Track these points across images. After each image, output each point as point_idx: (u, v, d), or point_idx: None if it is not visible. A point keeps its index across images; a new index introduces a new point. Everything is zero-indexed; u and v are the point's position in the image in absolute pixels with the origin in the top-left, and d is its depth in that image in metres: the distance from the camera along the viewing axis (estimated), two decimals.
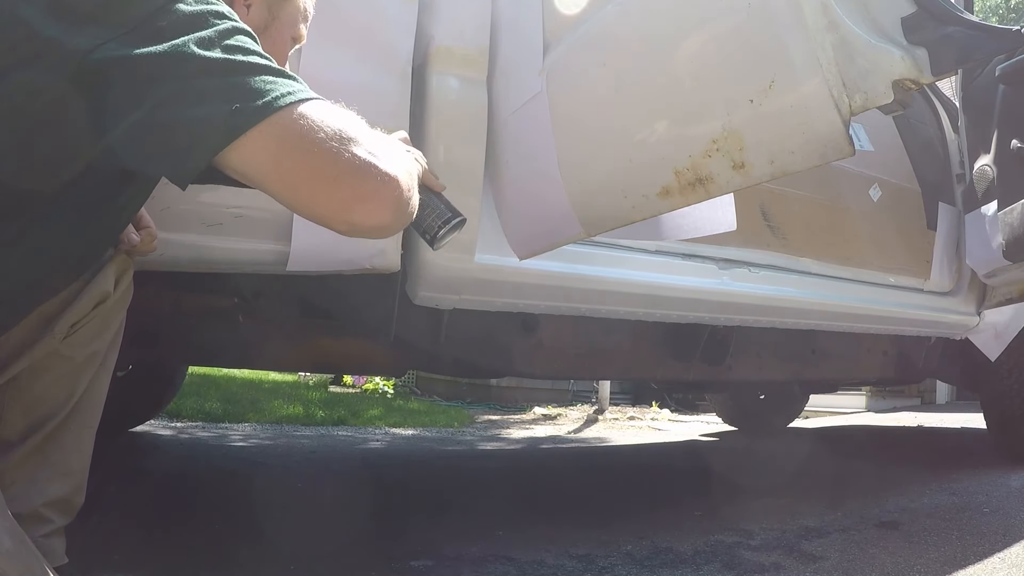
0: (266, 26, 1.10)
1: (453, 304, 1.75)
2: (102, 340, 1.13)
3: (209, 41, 0.78)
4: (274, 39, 1.12)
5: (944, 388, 7.03)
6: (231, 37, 0.80)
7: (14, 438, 1.09)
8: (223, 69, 0.77)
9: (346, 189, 0.78)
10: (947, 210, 2.69)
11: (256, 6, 1.09)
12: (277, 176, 0.77)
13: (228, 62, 0.77)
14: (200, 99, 0.75)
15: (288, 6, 1.13)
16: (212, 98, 0.75)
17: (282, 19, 1.12)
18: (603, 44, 1.36)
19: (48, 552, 1.08)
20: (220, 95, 0.75)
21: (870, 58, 1.06)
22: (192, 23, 0.78)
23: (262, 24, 1.09)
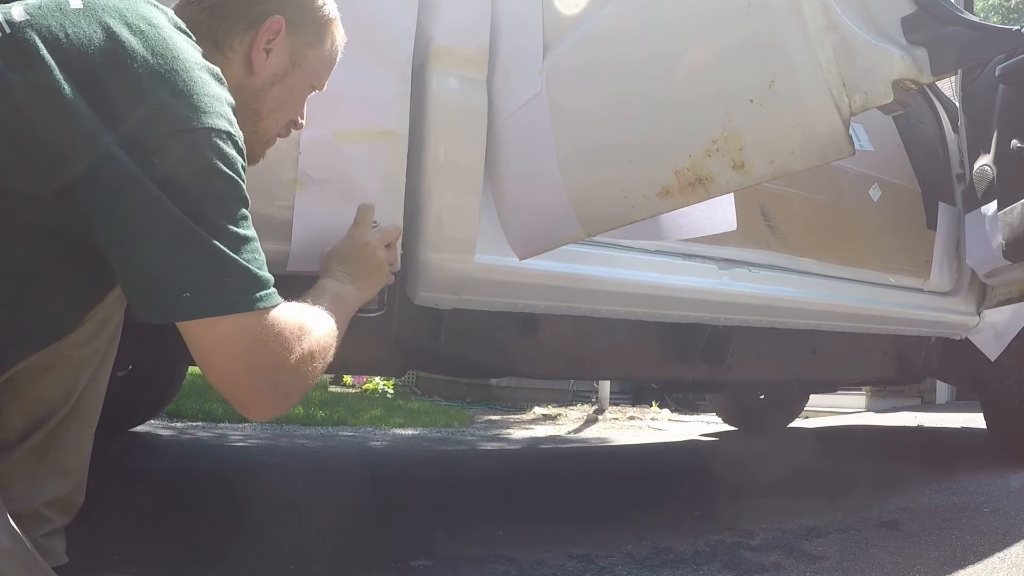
0: (285, 73, 1.08)
1: (453, 304, 1.75)
2: (100, 339, 1.13)
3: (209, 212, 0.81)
4: (291, 87, 1.10)
5: (944, 388, 7.03)
6: (229, 211, 0.83)
7: (13, 438, 1.09)
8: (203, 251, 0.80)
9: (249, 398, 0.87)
10: (947, 210, 2.69)
11: (277, 52, 1.06)
12: (204, 358, 0.85)
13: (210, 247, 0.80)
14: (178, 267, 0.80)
15: (312, 54, 1.10)
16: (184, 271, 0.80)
17: (304, 67, 1.10)
18: (603, 44, 1.36)
19: (48, 552, 1.08)
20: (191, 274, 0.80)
21: (870, 58, 1.06)
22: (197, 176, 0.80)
23: (281, 71, 1.07)
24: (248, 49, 1.04)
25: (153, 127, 0.80)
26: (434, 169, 1.54)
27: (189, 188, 0.80)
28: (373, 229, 1.20)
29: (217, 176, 0.82)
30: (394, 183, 1.50)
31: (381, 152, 1.48)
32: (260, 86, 1.06)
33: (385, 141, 1.48)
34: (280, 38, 1.06)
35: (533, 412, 5.77)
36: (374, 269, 1.17)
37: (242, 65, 1.04)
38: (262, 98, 1.07)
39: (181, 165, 0.80)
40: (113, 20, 0.85)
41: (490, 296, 1.77)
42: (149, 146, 0.79)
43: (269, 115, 1.09)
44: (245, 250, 0.83)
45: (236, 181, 0.84)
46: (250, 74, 1.05)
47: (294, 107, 1.13)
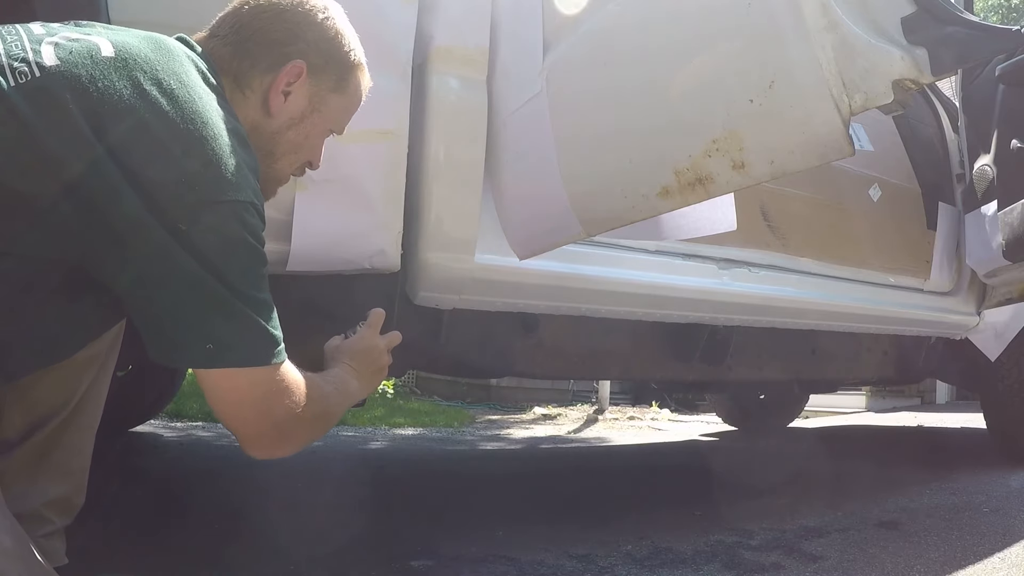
0: (303, 117, 1.06)
1: (453, 304, 1.75)
2: (103, 342, 1.13)
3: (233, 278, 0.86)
4: (308, 132, 1.08)
5: (944, 388, 7.03)
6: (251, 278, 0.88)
7: (14, 438, 1.09)
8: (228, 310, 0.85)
9: (250, 442, 0.94)
10: (947, 210, 2.69)
11: (296, 95, 1.04)
12: (219, 402, 0.91)
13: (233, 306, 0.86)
14: (198, 320, 0.85)
15: (333, 100, 1.08)
16: (208, 326, 0.85)
17: (323, 112, 1.08)
18: (603, 44, 1.36)
19: (48, 552, 1.08)
20: (215, 328, 0.85)
21: (870, 58, 1.06)
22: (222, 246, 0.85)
23: (298, 115, 1.05)
24: (267, 90, 1.02)
25: (183, 197, 0.82)
26: (434, 169, 1.54)
27: (215, 255, 0.84)
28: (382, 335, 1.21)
29: (242, 246, 0.87)
30: (394, 183, 1.50)
31: (381, 152, 1.48)
32: (276, 128, 1.05)
33: (385, 141, 1.48)
34: (300, 81, 1.04)
35: (533, 412, 5.77)
36: (378, 370, 1.20)
37: (260, 105, 1.03)
38: (277, 140, 1.06)
39: (209, 234, 0.83)
40: (144, 76, 0.85)
41: (490, 296, 1.77)
42: (178, 214, 0.82)
43: (283, 157, 1.08)
44: (263, 311, 0.89)
45: (258, 249, 0.89)
46: (267, 115, 1.03)
47: (310, 150, 1.11)
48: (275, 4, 1.03)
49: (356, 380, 1.14)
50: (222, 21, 1.04)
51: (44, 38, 0.86)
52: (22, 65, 0.82)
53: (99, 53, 0.86)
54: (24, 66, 0.82)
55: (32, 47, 0.84)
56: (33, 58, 0.83)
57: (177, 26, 1.05)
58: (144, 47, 0.89)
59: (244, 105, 1.01)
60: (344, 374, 1.12)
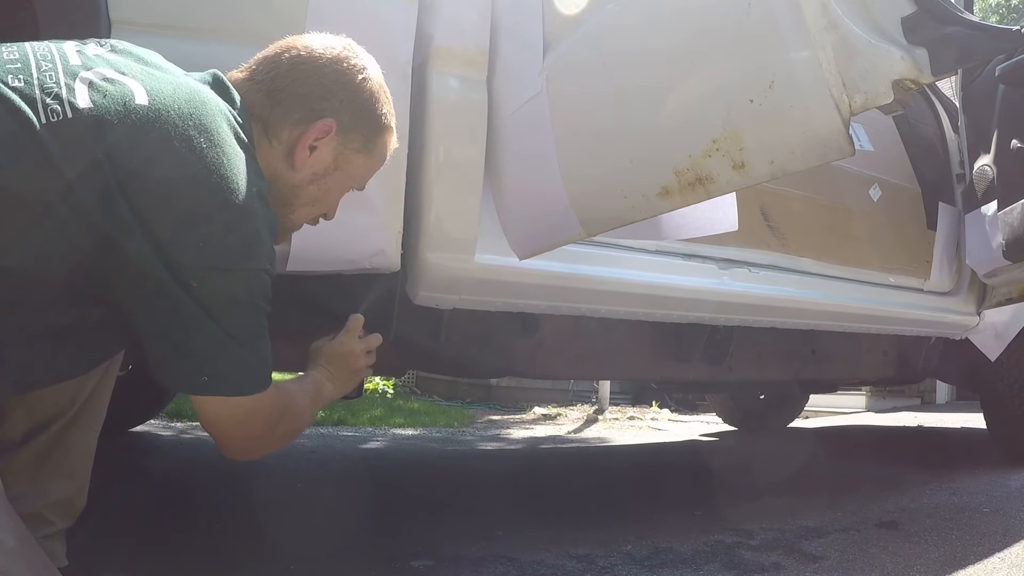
0: (325, 173, 1.07)
1: (453, 304, 1.75)
2: None
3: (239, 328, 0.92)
4: (328, 187, 1.08)
5: (944, 388, 7.02)
6: (254, 329, 0.94)
7: (18, 439, 1.09)
8: (229, 349, 0.91)
9: (231, 447, 1.03)
10: (947, 210, 2.69)
11: (322, 151, 1.05)
12: (208, 421, 0.98)
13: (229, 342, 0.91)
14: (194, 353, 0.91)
15: (358, 160, 1.09)
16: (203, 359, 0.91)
17: (346, 170, 1.08)
18: (603, 44, 1.36)
19: (49, 554, 1.07)
20: (211, 361, 0.92)
21: (870, 58, 1.06)
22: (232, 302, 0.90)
23: (321, 170, 1.06)
24: (294, 143, 1.03)
25: (200, 258, 0.86)
26: (434, 169, 1.54)
27: (221, 310, 0.89)
28: (360, 338, 1.26)
29: (247, 308, 0.92)
30: (394, 183, 1.50)
31: None
32: (297, 182, 1.05)
33: None
34: (328, 139, 1.04)
35: (533, 412, 5.77)
36: (353, 373, 1.24)
37: (284, 156, 1.03)
38: (297, 192, 1.06)
39: (219, 293, 0.88)
40: (175, 129, 0.86)
41: (490, 296, 1.77)
42: (192, 273, 0.86)
43: (301, 208, 1.09)
44: (259, 350, 0.95)
45: (262, 309, 0.95)
46: (290, 167, 1.04)
47: (327, 204, 1.12)
48: (316, 58, 1.04)
49: (331, 383, 1.20)
50: (261, 64, 1.04)
51: (79, 72, 0.87)
52: (55, 103, 0.82)
53: (133, 101, 0.86)
54: (57, 104, 0.82)
55: (66, 82, 0.85)
56: (67, 95, 0.83)
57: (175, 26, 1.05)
58: (179, 98, 0.90)
59: (269, 153, 1.02)
60: (320, 378, 1.19)
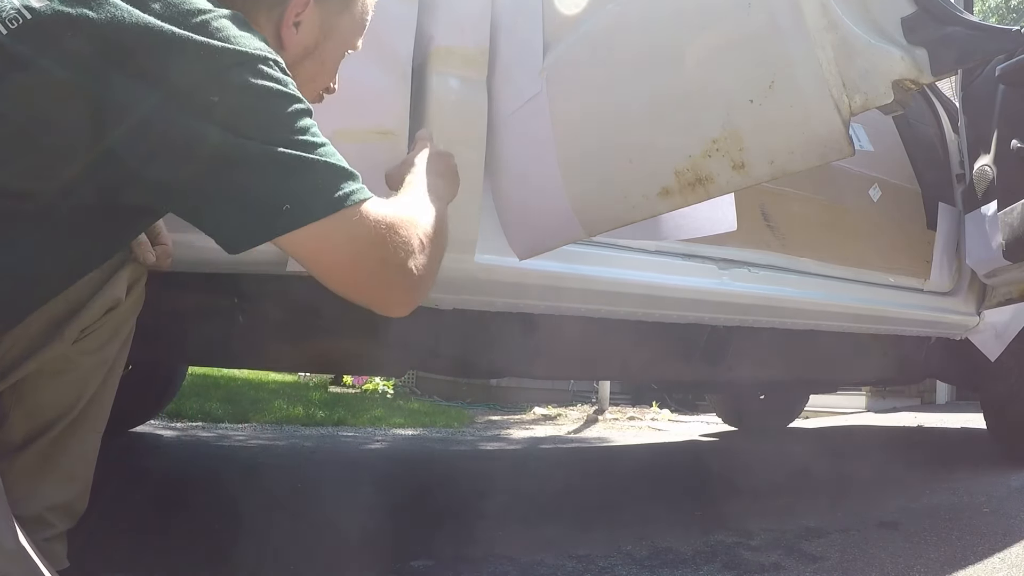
0: (316, 45, 1.05)
1: (453, 304, 1.75)
2: (112, 346, 1.13)
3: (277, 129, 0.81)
4: (323, 59, 1.07)
5: (944, 388, 7.02)
6: (298, 121, 0.83)
7: (19, 441, 1.08)
8: (289, 164, 0.81)
9: (379, 294, 0.89)
10: (947, 210, 2.69)
11: (307, 26, 1.03)
12: (320, 266, 0.86)
13: (293, 159, 0.81)
14: (265, 189, 0.80)
15: (343, 22, 1.07)
16: (277, 189, 0.80)
17: (335, 38, 1.07)
18: (603, 44, 1.36)
19: (49, 556, 1.07)
20: (285, 187, 0.80)
21: (870, 58, 1.06)
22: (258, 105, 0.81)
23: (312, 43, 1.05)
24: (277, 26, 1.01)
25: (201, 72, 0.80)
26: None
27: (254, 117, 0.80)
28: None
29: (277, 96, 0.83)
30: None
31: (381, 152, 1.48)
32: (291, 62, 1.01)
33: (385, 141, 1.48)
34: (308, 11, 1.03)
35: (533, 412, 5.77)
36: (453, 172, 1.17)
37: (272, 41, 1.00)
38: (294, 72, 1.01)
39: (240, 98, 0.80)
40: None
41: (490, 296, 1.77)
42: (203, 91, 0.79)
43: (301, 87, 1.04)
44: (324, 151, 0.83)
45: (293, 95, 0.84)
46: (280, 50, 1.01)
47: (327, 75, 1.11)
48: None
49: (441, 181, 1.09)
50: None
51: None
52: (11, 12, 0.80)
53: None
54: (14, 12, 0.80)
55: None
56: (21, 4, 0.81)
57: None
58: None
59: None
60: (430, 184, 1.06)
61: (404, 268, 0.87)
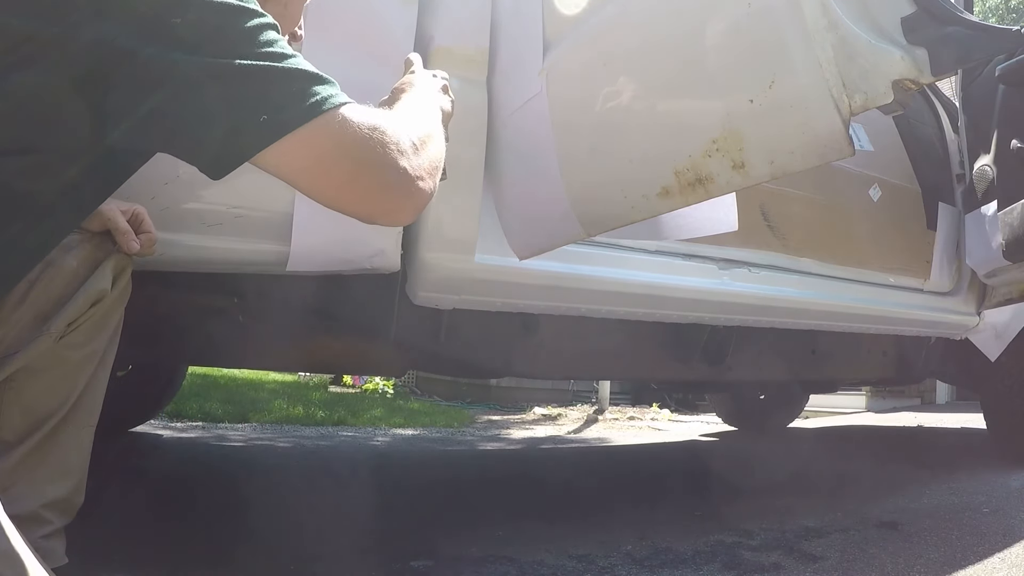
0: None
1: (453, 304, 1.75)
2: (100, 339, 1.13)
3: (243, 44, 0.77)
4: (287, 2, 1.06)
5: (944, 388, 7.03)
6: (262, 34, 0.79)
7: (12, 438, 1.08)
8: (260, 75, 0.77)
9: (376, 199, 0.83)
10: (947, 210, 2.69)
11: None
12: (309, 177, 0.80)
13: (264, 69, 0.77)
14: (240, 103, 0.76)
15: None
16: (252, 102, 0.76)
17: None
18: (603, 44, 1.36)
19: (48, 553, 1.07)
20: (260, 98, 0.76)
21: (870, 58, 1.06)
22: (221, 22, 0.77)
23: None
24: None
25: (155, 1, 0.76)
26: None
27: (215, 36, 0.76)
28: None
29: (235, 12, 0.79)
30: None
31: None
32: None
33: None
34: None
35: (533, 412, 5.77)
36: (444, 89, 1.13)
37: None
38: None
39: (197, 20, 0.76)
40: None
41: (490, 296, 1.77)
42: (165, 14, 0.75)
43: None
44: (296, 61, 0.80)
45: (254, 10, 0.80)
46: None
47: (291, 19, 1.09)
48: None
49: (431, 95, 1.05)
50: None
51: None
52: None
53: None
54: None
55: None
56: None
57: None
58: None
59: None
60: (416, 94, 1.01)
61: (399, 168, 0.81)
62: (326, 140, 0.78)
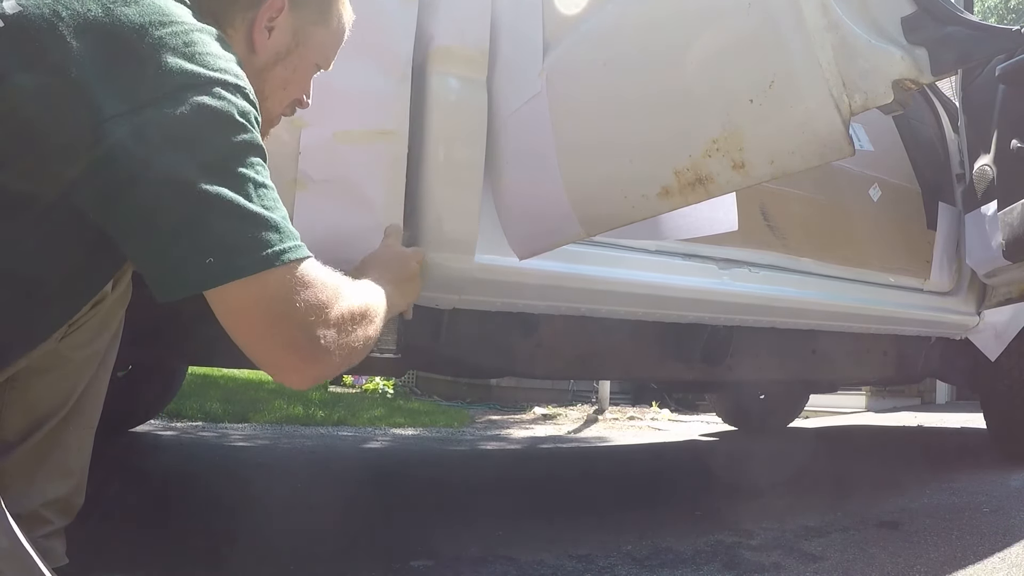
0: (288, 52, 1.05)
1: (453, 304, 1.75)
2: (101, 340, 1.13)
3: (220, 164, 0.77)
4: (295, 66, 1.07)
5: (944, 388, 7.03)
6: (243, 161, 0.79)
7: (13, 438, 1.09)
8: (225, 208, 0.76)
9: (288, 359, 0.83)
10: (947, 210, 2.69)
11: (280, 30, 1.03)
12: (239, 327, 0.81)
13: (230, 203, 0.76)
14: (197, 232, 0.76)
15: (318, 33, 1.07)
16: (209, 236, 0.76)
17: (308, 46, 1.07)
18: (603, 44, 1.36)
19: (48, 553, 1.07)
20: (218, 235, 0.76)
21: (870, 58, 1.06)
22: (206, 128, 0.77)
23: (284, 49, 1.04)
24: (250, 27, 1.01)
25: (157, 87, 0.77)
26: (434, 169, 1.54)
27: (203, 147, 0.77)
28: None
29: (230, 128, 0.79)
30: (394, 183, 1.50)
31: (381, 152, 1.48)
32: (262, 65, 1.03)
33: (385, 141, 1.48)
34: (283, 16, 1.02)
35: (533, 412, 5.77)
36: (410, 277, 1.16)
37: (244, 43, 1.01)
38: (264, 78, 1.04)
39: (191, 121, 0.77)
40: (113, 2, 0.82)
41: (490, 296, 1.77)
42: (155, 108, 0.76)
43: (272, 95, 1.06)
44: (265, 201, 0.79)
45: (248, 129, 0.81)
46: (252, 53, 1.02)
47: (298, 86, 1.10)
48: None
49: (390, 287, 1.05)
50: None
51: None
52: None
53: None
54: None
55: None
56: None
57: None
58: None
59: None
60: (376, 281, 1.03)
61: (310, 333, 0.81)
62: (267, 297, 0.79)
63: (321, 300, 0.83)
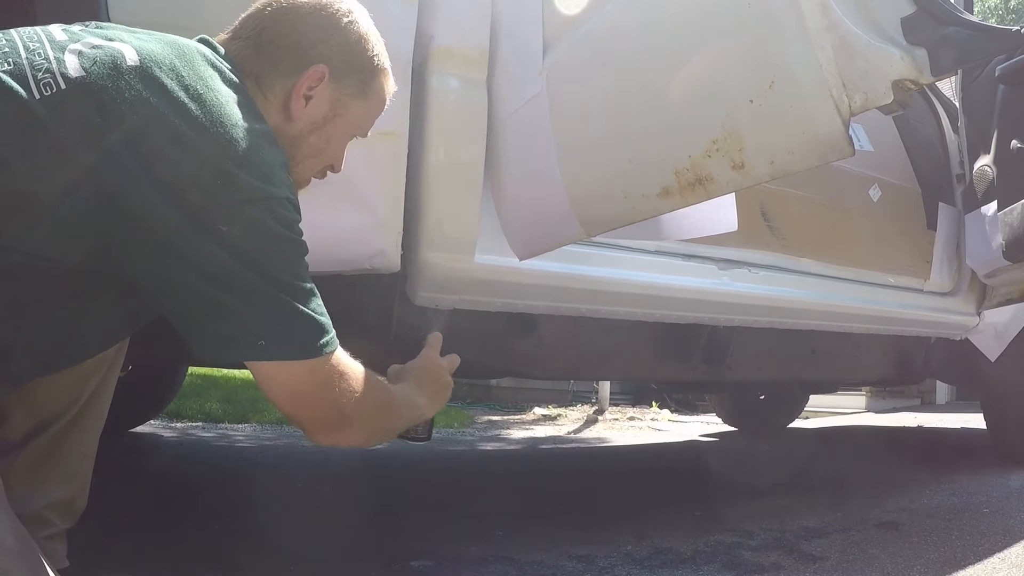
0: (324, 122, 1.04)
1: (453, 304, 1.75)
2: None
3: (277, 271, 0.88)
4: (329, 136, 1.06)
5: (944, 388, 7.03)
6: (296, 267, 0.90)
7: (18, 440, 1.09)
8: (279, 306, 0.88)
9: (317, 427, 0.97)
10: (947, 210, 2.69)
11: (318, 100, 1.02)
12: (278, 394, 0.93)
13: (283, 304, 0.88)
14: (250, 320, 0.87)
15: (356, 105, 1.06)
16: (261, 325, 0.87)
17: (345, 117, 1.06)
18: (603, 44, 1.36)
19: (49, 555, 1.07)
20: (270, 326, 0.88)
21: (870, 58, 1.07)
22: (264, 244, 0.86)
23: (320, 119, 1.04)
24: (288, 94, 1.01)
25: (218, 197, 0.83)
26: (434, 169, 1.54)
27: (256, 252, 0.86)
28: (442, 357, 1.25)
29: (283, 241, 0.88)
30: (394, 183, 1.50)
31: (381, 152, 1.48)
32: (297, 133, 1.03)
33: (385, 141, 1.48)
34: (322, 86, 1.02)
35: (533, 412, 5.77)
36: (443, 387, 1.22)
37: (280, 109, 1.01)
38: (298, 144, 1.04)
39: (249, 233, 0.85)
40: (170, 81, 0.85)
41: (490, 296, 1.77)
42: (216, 216, 0.83)
43: (304, 160, 1.06)
44: (312, 303, 0.91)
45: (299, 242, 0.91)
46: (288, 120, 1.02)
47: (332, 154, 1.10)
48: (298, 6, 1.02)
49: (422, 396, 1.16)
50: (244, 22, 1.03)
51: (67, 45, 0.85)
52: (46, 76, 0.81)
53: (124, 62, 0.85)
54: (49, 77, 0.81)
55: (55, 55, 0.83)
56: (57, 68, 0.82)
57: (176, 25, 1.05)
58: (168, 53, 0.89)
59: (266, 108, 0.99)
60: (409, 389, 1.14)
61: (348, 416, 0.96)
62: (305, 376, 0.91)
63: (353, 388, 0.96)
